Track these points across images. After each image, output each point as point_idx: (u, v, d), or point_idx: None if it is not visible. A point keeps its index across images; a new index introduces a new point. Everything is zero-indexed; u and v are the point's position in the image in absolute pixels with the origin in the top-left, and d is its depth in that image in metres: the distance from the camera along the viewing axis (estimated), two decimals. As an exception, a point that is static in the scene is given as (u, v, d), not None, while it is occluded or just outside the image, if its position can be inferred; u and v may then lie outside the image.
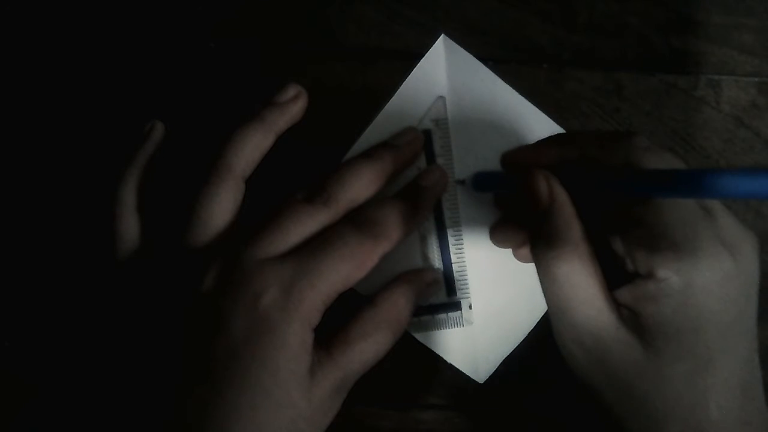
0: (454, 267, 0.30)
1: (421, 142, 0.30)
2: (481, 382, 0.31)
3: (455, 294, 0.30)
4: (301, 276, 0.24)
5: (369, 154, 0.28)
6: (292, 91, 0.28)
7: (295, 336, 0.24)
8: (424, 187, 0.29)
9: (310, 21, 0.31)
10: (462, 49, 0.31)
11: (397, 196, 0.28)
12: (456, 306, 0.30)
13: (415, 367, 0.31)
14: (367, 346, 0.26)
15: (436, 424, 0.31)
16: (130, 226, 0.27)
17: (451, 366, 0.31)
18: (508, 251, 0.30)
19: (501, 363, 0.31)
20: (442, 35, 0.31)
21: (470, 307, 0.30)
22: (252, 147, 0.27)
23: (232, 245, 0.25)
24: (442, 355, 0.31)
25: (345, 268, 0.25)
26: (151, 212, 0.28)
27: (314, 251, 0.25)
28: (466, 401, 0.31)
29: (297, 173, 0.29)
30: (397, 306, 0.28)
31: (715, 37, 0.32)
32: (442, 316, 0.30)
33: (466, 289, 0.30)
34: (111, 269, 0.27)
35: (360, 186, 0.27)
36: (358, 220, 0.26)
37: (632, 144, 0.24)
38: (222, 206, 0.26)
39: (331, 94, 0.31)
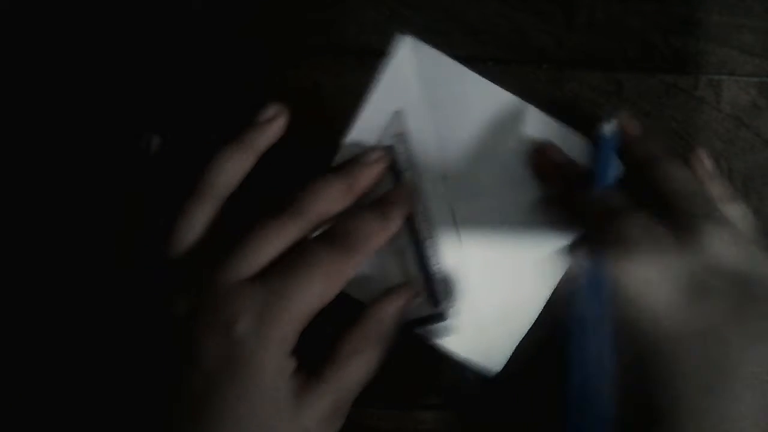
0: (435, 278, 0.30)
1: (389, 158, 0.30)
2: (496, 373, 0.30)
3: (439, 304, 0.30)
4: (274, 299, 0.24)
5: (338, 170, 0.28)
6: (271, 111, 0.28)
7: (271, 362, 0.24)
8: (393, 201, 0.29)
9: (310, 21, 0.31)
10: (426, 46, 0.31)
11: (368, 208, 0.28)
12: (441, 317, 0.30)
13: (415, 367, 0.31)
14: (357, 364, 0.26)
15: (436, 424, 0.31)
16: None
17: (450, 366, 0.31)
18: (489, 252, 0.30)
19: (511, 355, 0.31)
20: (403, 36, 0.30)
21: (455, 316, 0.30)
22: (232, 168, 0.27)
23: (205, 267, 0.25)
24: (453, 352, 0.30)
25: (318, 286, 0.25)
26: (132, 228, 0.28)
27: (286, 272, 0.25)
28: (466, 401, 0.31)
29: (297, 174, 0.29)
30: (383, 321, 0.27)
31: (715, 37, 0.32)
32: (429, 327, 0.30)
33: (450, 298, 0.30)
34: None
35: (329, 200, 0.27)
36: (328, 234, 0.26)
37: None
38: (201, 225, 0.26)
39: (331, 95, 0.31)
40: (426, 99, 0.31)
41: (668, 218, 0.26)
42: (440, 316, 0.30)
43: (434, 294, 0.30)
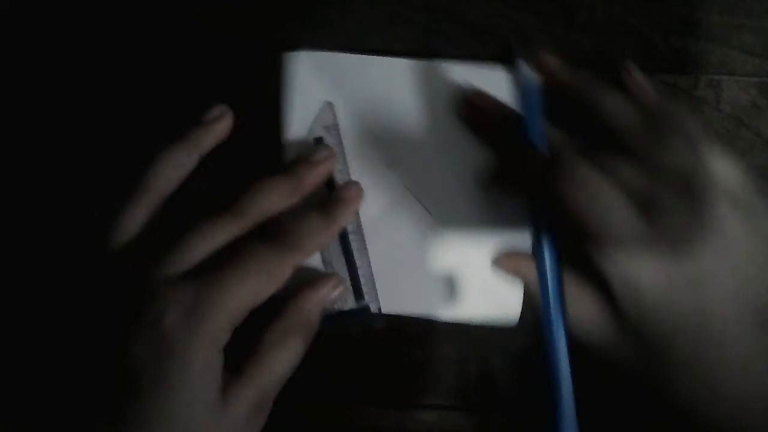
0: (360, 272, 0.30)
1: (334, 161, 0.29)
2: (516, 323, 0.30)
3: (363, 298, 0.30)
4: (205, 295, 0.24)
5: (283, 170, 0.28)
6: (217, 111, 0.28)
7: (198, 359, 0.23)
8: (341, 200, 0.28)
9: (310, 21, 0.31)
10: (317, 52, 0.30)
11: (311, 207, 0.28)
12: (365, 310, 0.30)
13: (415, 367, 0.31)
14: (279, 356, 0.26)
15: (436, 424, 0.31)
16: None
17: (450, 366, 0.31)
18: (461, 218, 0.30)
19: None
20: (292, 53, 0.30)
21: (379, 310, 0.30)
22: (173, 166, 0.27)
23: (141, 263, 0.25)
24: (468, 319, 0.30)
25: (253, 283, 0.24)
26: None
27: (220, 267, 0.24)
28: (466, 401, 0.31)
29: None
30: (302, 311, 0.27)
31: (715, 37, 0.32)
32: (354, 320, 0.30)
33: (374, 292, 0.30)
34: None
35: (272, 199, 0.26)
36: (268, 232, 0.26)
37: None
38: (137, 223, 0.26)
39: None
40: (341, 98, 0.30)
41: (611, 140, 0.26)
42: (365, 310, 0.30)
43: (358, 287, 0.30)
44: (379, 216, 0.30)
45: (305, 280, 0.28)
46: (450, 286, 0.30)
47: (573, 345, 0.27)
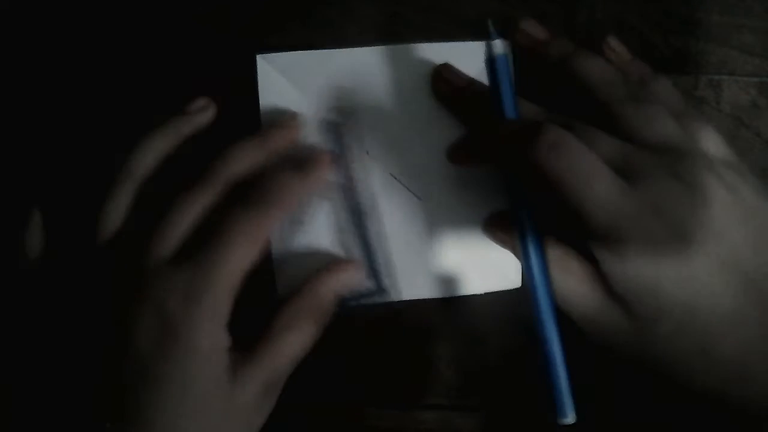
0: (378, 258, 0.30)
1: (302, 123, 0.29)
2: (519, 285, 0.30)
3: (382, 283, 0.30)
4: (198, 275, 0.24)
5: (254, 133, 0.28)
6: (201, 102, 0.29)
7: (204, 339, 0.24)
8: (311, 158, 0.28)
9: (310, 21, 0.31)
10: (282, 54, 0.30)
11: (282, 164, 0.28)
12: (384, 293, 0.30)
13: (415, 367, 0.31)
14: (291, 338, 0.26)
15: (436, 424, 0.31)
16: (36, 238, 0.28)
17: (450, 366, 0.31)
18: (433, 228, 0.30)
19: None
20: (259, 56, 0.30)
21: (400, 294, 0.30)
22: (153, 153, 0.27)
23: (129, 253, 0.25)
24: (472, 292, 0.30)
25: (240, 251, 0.25)
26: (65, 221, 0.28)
27: (207, 244, 0.25)
28: (466, 401, 0.31)
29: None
30: (317, 294, 0.27)
31: (715, 37, 0.32)
32: (371, 299, 0.30)
33: (394, 277, 0.30)
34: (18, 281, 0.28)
35: (238, 160, 0.27)
36: (245, 195, 0.26)
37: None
38: (122, 210, 0.26)
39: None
40: (316, 95, 0.30)
41: (593, 112, 0.26)
42: (382, 292, 0.30)
43: (375, 269, 0.30)
44: (370, 204, 0.30)
45: (323, 264, 0.28)
46: (448, 265, 0.30)
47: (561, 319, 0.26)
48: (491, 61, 0.27)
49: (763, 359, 0.23)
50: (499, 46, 0.27)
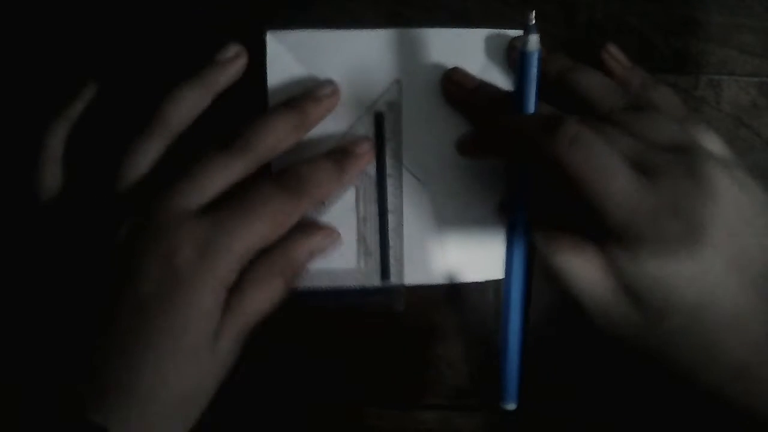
0: (391, 252, 0.30)
1: (338, 97, 0.30)
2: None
3: (389, 278, 0.30)
4: (217, 235, 0.24)
5: (288, 103, 0.28)
6: (232, 50, 0.29)
7: (207, 296, 0.24)
8: (354, 153, 0.28)
9: (310, 21, 0.31)
10: (293, 31, 0.30)
11: (324, 156, 0.28)
12: (389, 291, 0.30)
13: (415, 367, 0.31)
14: (259, 293, 0.26)
15: (436, 424, 0.31)
16: (53, 174, 0.28)
17: (450, 366, 0.31)
18: (434, 213, 0.30)
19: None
20: (269, 32, 0.30)
21: (402, 294, 0.30)
22: (188, 104, 0.27)
23: (151, 197, 0.25)
24: (458, 282, 0.31)
25: (263, 227, 0.25)
26: (80, 163, 0.28)
27: (233, 209, 0.25)
28: (466, 401, 0.31)
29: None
30: (288, 253, 0.27)
31: (715, 37, 0.32)
32: (375, 299, 0.30)
33: (401, 274, 0.30)
34: (31, 216, 0.27)
35: (278, 134, 0.27)
36: (281, 176, 0.26)
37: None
38: (151, 159, 0.26)
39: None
40: (323, 74, 0.30)
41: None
42: (388, 291, 0.30)
43: (386, 266, 0.30)
44: (371, 186, 0.30)
45: (300, 225, 0.28)
46: (449, 251, 0.31)
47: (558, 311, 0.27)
48: (522, 55, 0.27)
49: None
50: (533, 42, 0.27)
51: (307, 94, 0.29)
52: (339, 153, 0.28)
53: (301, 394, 0.31)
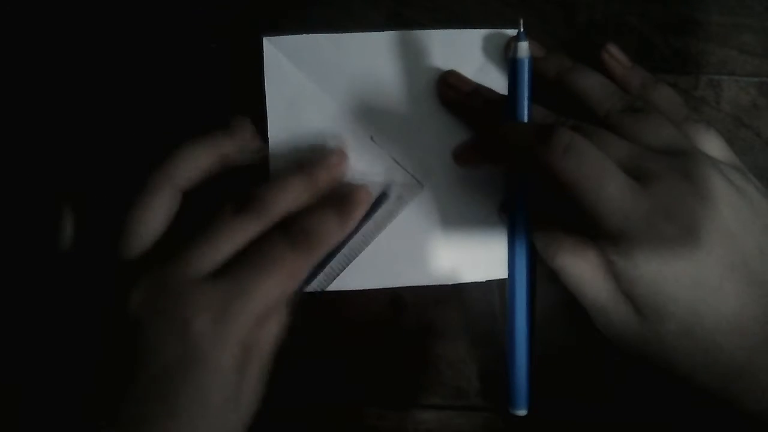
0: (335, 258, 0.30)
1: (347, 163, 0.30)
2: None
3: (312, 280, 0.30)
4: (233, 299, 0.24)
5: (301, 169, 0.28)
6: (238, 120, 0.29)
7: (228, 361, 0.24)
8: (355, 201, 0.28)
9: (310, 22, 0.31)
10: (289, 36, 0.30)
11: (327, 203, 0.28)
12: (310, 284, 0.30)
13: (415, 367, 0.31)
14: (274, 333, 0.26)
15: (436, 424, 0.31)
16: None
17: (450, 366, 0.31)
18: (433, 215, 0.30)
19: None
20: (266, 38, 0.30)
21: (321, 293, 0.30)
22: (194, 161, 0.27)
23: (162, 261, 0.24)
24: (462, 281, 0.31)
25: (278, 286, 0.25)
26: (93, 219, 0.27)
27: (247, 270, 0.25)
28: (466, 401, 0.31)
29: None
30: (287, 263, 0.27)
31: (715, 37, 0.32)
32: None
33: (325, 284, 0.30)
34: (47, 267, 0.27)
35: (292, 198, 0.27)
36: (291, 232, 0.26)
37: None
38: (156, 216, 0.25)
39: (331, 95, 0.31)
40: (321, 78, 0.30)
41: (594, 124, 0.26)
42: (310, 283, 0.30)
43: (319, 268, 0.30)
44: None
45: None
46: (446, 253, 0.31)
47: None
48: (513, 63, 0.27)
49: (767, 358, 0.23)
50: (523, 49, 0.27)
51: (319, 161, 0.28)
52: (341, 200, 0.28)
53: (301, 394, 0.31)
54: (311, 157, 0.29)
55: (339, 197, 0.28)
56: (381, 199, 0.30)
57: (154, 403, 0.23)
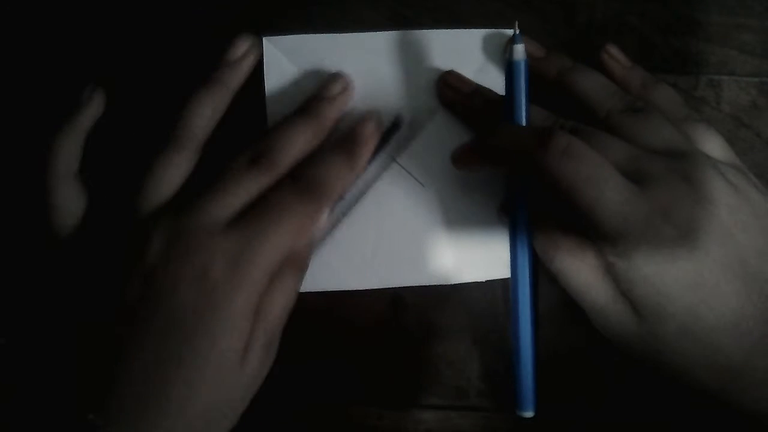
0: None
1: (353, 89, 0.30)
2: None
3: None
4: (247, 247, 0.25)
5: (306, 111, 0.28)
6: (242, 46, 0.29)
7: (241, 310, 0.24)
8: (363, 137, 0.28)
9: (309, 22, 0.31)
10: (288, 36, 0.30)
11: (334, 147, 0.28)
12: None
13: (415, 367, 0.31)
14: (285, 295, 0.26)
15: (436, 424, 0.31)
16: (67, 194, 0.27)
17: (450, 366, 0.31)
18: (433, 216, 0.30)
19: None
20: (265, 38, 0.30)
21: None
22: (211, 111, 0.27)
23: (178, 214, 0.25)
24: (464, 281, 0.31)
25: (290, 235, 0.25)
26: (96, 178, 0.28)
27: (260, 220, 0.25)
28: (466, 401, 0.31)
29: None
30: (299, 250, 0.28)
31: (715, 37, 0.32)
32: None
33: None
34: (47, 244, 0.27)
35: (301, 145, 0.27)
36: (300, 183, 0.26)
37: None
38: (179, 173, 0.26)
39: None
40: (321, 81, 0.30)
41: (593, 124, 0.27)
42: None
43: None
44: (372, 189, 0.30)
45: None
46: (447, 253, 0.30)
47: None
48: (509, 66, 0.27)
49: (765, 358, 0.23)
50: (519, 51, 0.27)
51: (321, 95, 0.29)
52: (347, 142, 0.28)
53: (301, 394, 0.31)
54: (314, 92, 0.29)
55: (345, 137, 0.28)
56: (393, 129, 0.30)
57: (167, 347, 0.23)
